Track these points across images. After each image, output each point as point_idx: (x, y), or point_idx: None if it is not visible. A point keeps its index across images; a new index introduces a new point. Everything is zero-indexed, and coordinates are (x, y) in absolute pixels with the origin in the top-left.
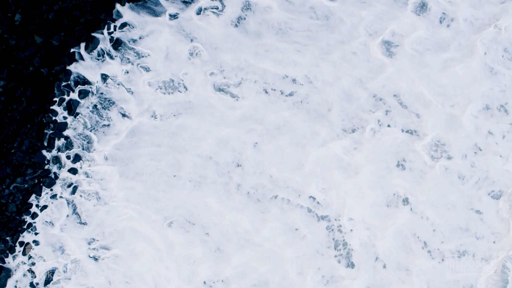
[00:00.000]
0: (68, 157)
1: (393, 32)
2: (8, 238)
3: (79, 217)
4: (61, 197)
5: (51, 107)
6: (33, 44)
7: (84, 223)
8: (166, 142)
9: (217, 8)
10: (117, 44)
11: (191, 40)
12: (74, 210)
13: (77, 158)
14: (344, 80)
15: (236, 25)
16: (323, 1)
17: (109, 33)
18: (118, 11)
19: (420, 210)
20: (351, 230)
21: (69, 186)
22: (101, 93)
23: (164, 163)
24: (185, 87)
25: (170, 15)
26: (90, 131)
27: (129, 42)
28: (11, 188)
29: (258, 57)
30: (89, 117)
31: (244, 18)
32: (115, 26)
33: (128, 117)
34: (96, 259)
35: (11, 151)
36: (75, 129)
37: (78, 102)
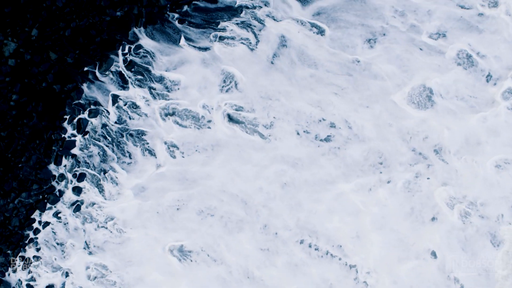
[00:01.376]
0: (74, 176)
1: (437, 84)
2: (9, 251)
3: (85, 235)
4: (64, 216)
5: (61, 124)
6: (47, 60)
7: (88, 245)
8: (189, 177)
9: (250, 42)
10: (134, 68)
11: (221, 74)
12: (75, 229)
13: (82, 177)
14: (383, 128)
15: (270, 62)
16: (364, 50)
17: (123, 54)
18: (134, 33)
19: (449, 268)
20: (377, 281)
21: (73, 204)
22: (120, 122)
23: (187, 198)
24: (210, 121)
25: (201, 48)
26: (109, 166)
27: (151, 69)
28: (15, 202)
29: (292, 96)
30: (106, 148)
31: (279, 55)
32: (130, 48)
33: (151, 153)
34: (95, 278)
35: (18, 165)
36: (90, 156)
37: (88, 121)
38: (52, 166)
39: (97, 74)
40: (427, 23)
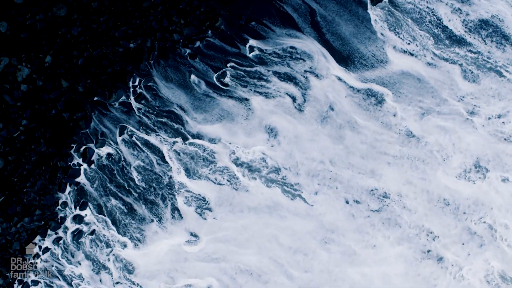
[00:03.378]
0: (76, 205)
1: (494, 161)
2: (8, 274)
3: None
4: (64, 243)
5: (67, 152)
6: (59, 88)
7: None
8: (228, 237)
9: (294, 99)
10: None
11: (264, 130)
12: (73, 256)
13: (84, 205)
14: (436, 203)
15: (319, 124)
16: (417, 123)
17: (133, 87)
18: (146, 65)
19: None
20: None
21: (73, 232)
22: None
23: (222, 259)
24: (248, 181)
25: (240, 98)
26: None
27: (187, 120)
28: (18, 226)
29: (342, 163)
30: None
31: (327, 118)
32: (140, 80)
33: (176, 212)
34: None
35: (23, 190)
36: (104, 222)
37: (94, 151)
38: (56, 193)
39: (107, 104)
40: (485, 106)
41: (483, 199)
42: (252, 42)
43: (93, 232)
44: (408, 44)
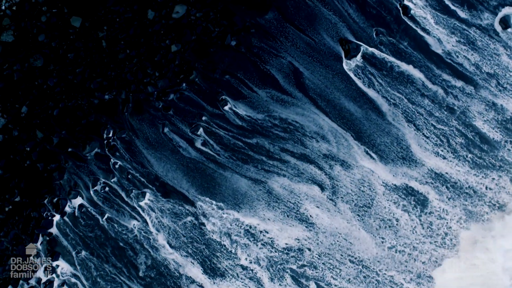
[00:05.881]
0: (48, 254)
1: None
2: None
3: None
4: None
5: (41, 202)
6: (34, 138)
7: None
8: None
9: (322, 187)
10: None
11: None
12: None
13: (56, 256)
14: None
15: (355, 219)
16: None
17: (107, 138)
18: (121, 117)
19: None
20: None
21: (45, 283)
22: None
23: None
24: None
25: (255, 180)
26: None
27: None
28: None
29: (381, 263)
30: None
31: (363, 214)
32: (114, 132)
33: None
34: None
35: None
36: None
37: (66, 202)
38: (28, 243)
39: (81, 156)
40: None
41: None
42: (229, 100)
43: (64, 284)
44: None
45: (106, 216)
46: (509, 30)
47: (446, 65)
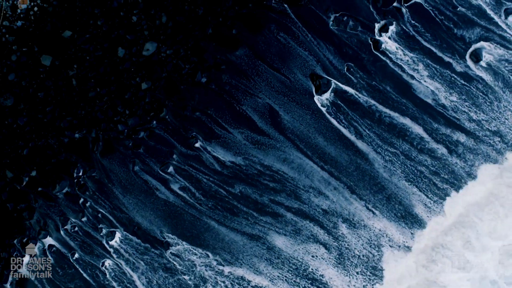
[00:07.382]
0: None
1: None
2: None
3: None
4: None
5: (10, 242)
6: (4, 178)
7: None
8: None
9: (331, 253)
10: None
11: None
12: None
13: None
14: None
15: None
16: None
17: (77, 177)
18: (91, 157)
19: None
20: None
21: None
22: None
23: None
24: None
25: (251, 235)
26: None
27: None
28: None
29: None
30: None
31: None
32: (84, 171)
33: None
34: None
35: None
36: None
37: (36, 241)
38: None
39: (51, 195)
40: None
41: None
42: (200, 138)
43: None
44: None
45: (76, 256)
46: (480, 63)
47: (420, 100)
